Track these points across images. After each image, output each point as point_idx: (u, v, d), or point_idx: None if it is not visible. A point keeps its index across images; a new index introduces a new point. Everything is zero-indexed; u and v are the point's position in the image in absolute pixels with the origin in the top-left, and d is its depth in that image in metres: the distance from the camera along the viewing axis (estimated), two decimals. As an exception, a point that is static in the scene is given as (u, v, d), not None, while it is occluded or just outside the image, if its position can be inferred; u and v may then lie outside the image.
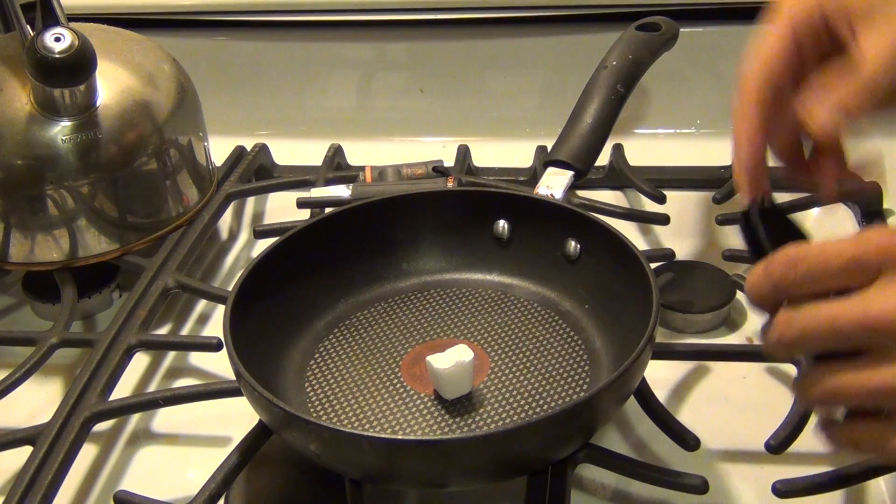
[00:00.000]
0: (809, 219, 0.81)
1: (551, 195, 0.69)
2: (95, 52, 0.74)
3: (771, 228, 0.48)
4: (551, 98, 0.99)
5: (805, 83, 0.48)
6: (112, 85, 0.78)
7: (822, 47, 0.48)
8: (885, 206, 0.81)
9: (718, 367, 0.68)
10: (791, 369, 0.63)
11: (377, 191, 0.82)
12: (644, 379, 0.61)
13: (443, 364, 0.59)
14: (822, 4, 0.48)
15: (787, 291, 0.41)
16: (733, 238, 0.80)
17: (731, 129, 0.51)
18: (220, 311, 0.75)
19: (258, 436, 0.59)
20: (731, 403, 0.66)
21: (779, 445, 0.57)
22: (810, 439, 0.61)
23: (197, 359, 0.74)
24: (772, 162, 0.52)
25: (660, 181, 0.86)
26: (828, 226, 0.81)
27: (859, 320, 0.38)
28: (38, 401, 0.70)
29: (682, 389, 0.67)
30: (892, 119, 0.48)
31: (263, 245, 0.71)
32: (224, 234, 0.90)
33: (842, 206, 0.82)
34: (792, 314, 0.41)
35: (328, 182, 0.87)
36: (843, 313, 0.39)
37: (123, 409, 0.66)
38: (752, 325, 0.73)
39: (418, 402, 0.61)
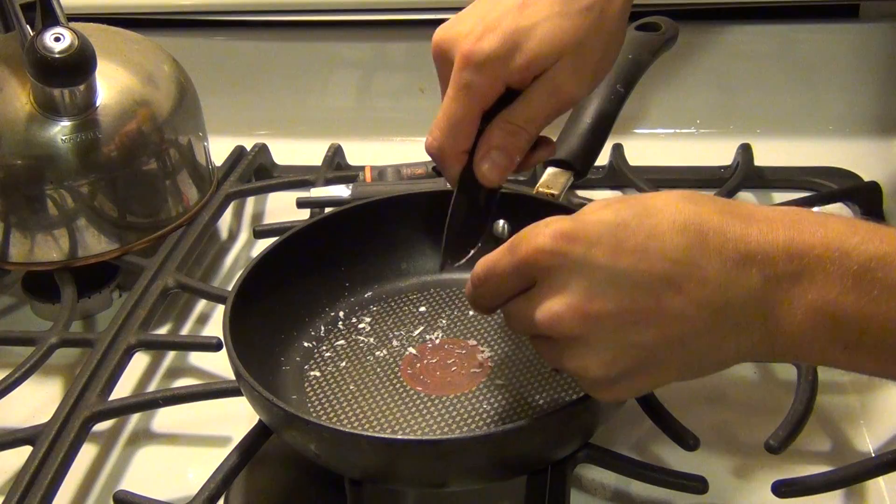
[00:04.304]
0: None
1: (551, 195, 0.69)
2: (95, 52, 0.74)
3: None
4: (551, 98, 0.99)
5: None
6: (112, 85, 0.78)
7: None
8: (885, 205, 0.81)
9: (718, 367, 0.68)
10: (791, 370, 0.63)
11: (377, 191, 0.82)
12: (644, 379, 0.61)
13: None
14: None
15: (488, 304, 0.52)
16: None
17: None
18: (219, 311, 0.75)
19: (258, 436, 0.59)
20: (731, 403, 0.66)
21: (779, 445, 0.57)
22: (810, 439, 0.61)
23: (197, 359, 0.74)
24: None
25: (660, 181, 0.86)
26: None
27: (529, 318, 0.49)
28: (37, 401, 0.70)
29: (682, 389, 0.67)
30: None
31: (263, 245, 0.71)
32: (224, 234, 0.90)
33: (842, 206, 0.82)
34: (504, 313, 0.52)
35: (328, 182, 0.87)
36: (516, 314, 0.50)
37: (123, 409, 0.66)
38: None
39: (418, 402, 0.61)
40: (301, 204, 0.83)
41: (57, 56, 0.72)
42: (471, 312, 0.68)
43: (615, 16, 0.58)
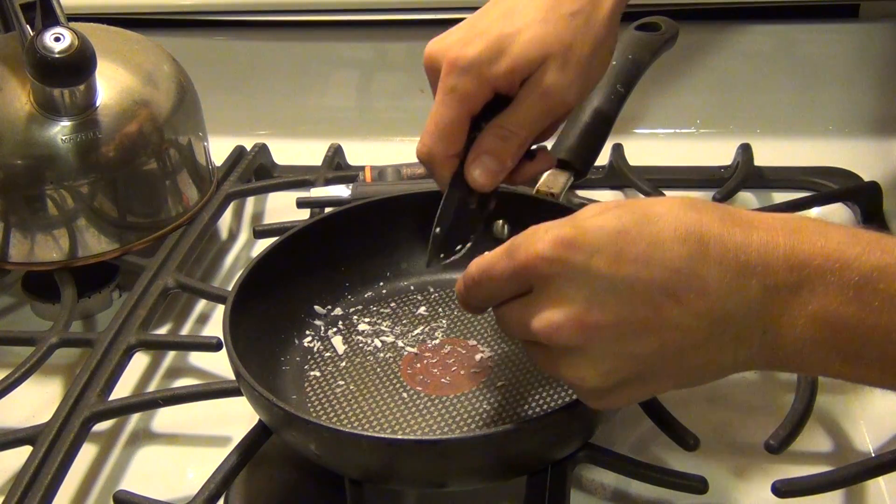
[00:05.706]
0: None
1: (551, 195, 0.69)
2: (95, 52, 0.74)
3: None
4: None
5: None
6: (112, 85, 0.78)
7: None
8: (885, 205, 0.81)
9: (718, 367, 0.68)
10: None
11: (377, 191, 0.82)
12: (644, 379, 0.61)
13: None
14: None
15: (480, 305, 0.52)
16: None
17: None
18: (219, 310, 0.75)
19: (258, 436, 0.59)
20: (731, 403, 0.66)
21: (778, 445, 0.57)
22: (810, 439, 0.61)
23: (197, 359, 0.74)
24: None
25: (659, 181, 0.86)
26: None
27: (525, 325, 0.48)
28: (37, 401, 0.70)
29: (682, 389, 0.67)
30: None
31: (263, 245, 0.71)
32: (224, 233, 0.90)
33: (842, 206, 0.82)
34: (496, 314, 0.51)
35: (328, 182, 0.87)
36: (511, 319, 0.50)
37: (123, 409, 0.66)
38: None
39: (418, 402, 0.61)
40: (301, 204, 0.83)
41: (57, 56, 0.72)
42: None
43: (603, 21, 0.59)
